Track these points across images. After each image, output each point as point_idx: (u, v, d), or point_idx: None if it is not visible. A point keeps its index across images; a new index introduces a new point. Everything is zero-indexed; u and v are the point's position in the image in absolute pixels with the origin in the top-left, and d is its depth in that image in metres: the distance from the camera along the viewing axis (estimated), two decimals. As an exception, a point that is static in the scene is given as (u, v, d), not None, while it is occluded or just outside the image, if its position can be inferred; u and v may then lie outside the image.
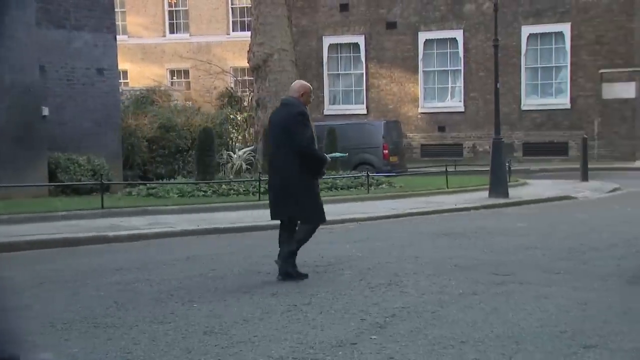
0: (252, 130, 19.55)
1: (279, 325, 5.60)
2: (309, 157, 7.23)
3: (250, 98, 21.74)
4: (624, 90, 23.37)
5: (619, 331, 5.35)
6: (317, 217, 7.41)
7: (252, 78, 19.48)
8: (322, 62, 26.96)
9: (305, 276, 7.34)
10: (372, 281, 7.21)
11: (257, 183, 14.37)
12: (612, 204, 14.30)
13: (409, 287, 6.95)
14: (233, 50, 29.53)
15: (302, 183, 7.21)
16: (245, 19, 29.18)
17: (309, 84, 7.75)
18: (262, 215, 12.44)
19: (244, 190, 14.66)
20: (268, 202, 7.52)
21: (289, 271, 7.29)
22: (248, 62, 18.23)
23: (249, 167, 16.69)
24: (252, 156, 16.90)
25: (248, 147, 18.16)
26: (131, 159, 17.00)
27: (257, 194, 14.16)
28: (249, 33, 19.08)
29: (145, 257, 9.05)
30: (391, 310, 6.00)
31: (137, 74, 30.60)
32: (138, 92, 21.77)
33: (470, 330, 5.39)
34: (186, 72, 31.05)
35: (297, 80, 7.94)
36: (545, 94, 24.76)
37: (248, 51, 17.94)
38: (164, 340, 5.23)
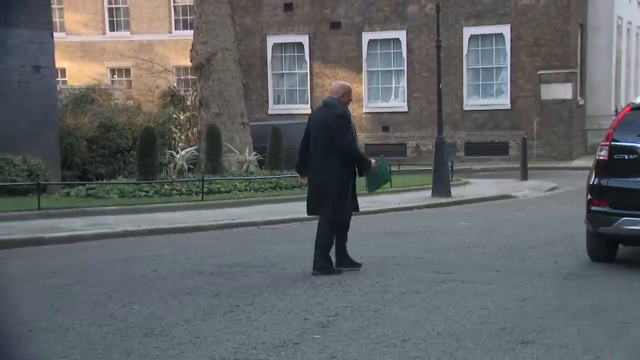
0: (195, 129, 19.37)
1: (221, 326, 5.56)
2: (353, 157, 7.52)
3: (193, 97, 21.53)
4: (561, 91, 23.98)
5: (555, 327, 5.49)
6: (339, 217, 7.66)
7: (195, 77, 19.30)
8: (266, 61, 26.89)
9: (340, 272, 7.54)
10: (316, 281, 7.22)
11: (200, 183, 14.24)
12: (550, 202, 14.64)
13: (352, 286, 6.98)
14: (175, 49, 29.20)
15: (336, 183, 7.50)
16: (188, 17, 28.89)
17: (348, 84, 8.02)
18: (205, 216, 12.37)
19: (186, 191, 14.51)
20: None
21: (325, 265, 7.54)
22: (191, 61, 18.06)
23: (192, 167, 16.52)
24: (196, 156, 16.74)
25: (191, 146, 17.98)
26: (70, 159, 16.63)
27: (200, 194, 14.03)
28: (191, 32, 18.90)
29: (84, 259, 8.87)
30: (334, 310, 6.03)
31: (76, 72, 29.98)
32: (77, 91, 21.32)
33: (412, 329, 5.45)
34: (127, 71, 30.56)
35: (337, 81, 8.23)
36: (487, 94, 25.21)
37: (191, 50, 17.77)
38: (102, 343, 5.14)
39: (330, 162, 7.45)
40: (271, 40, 26.84)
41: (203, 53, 17.33)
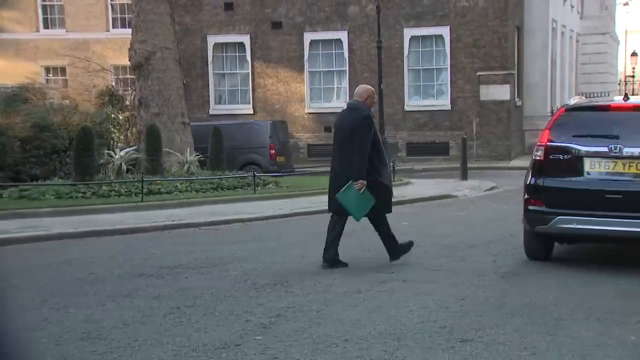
0: (134, 129, 19.07)
1: (161, 328, 5.49)
2: (355, 161, 7.71)
3: (132, 97, 21.18)
4: (499, 92, 24.49)
5: (494, 324, 5.60)
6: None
7: (134, 76, 19.00)
8: (207, 61, 26.67)
9: (345, 264, 7.94)
10: (258, 281, 7.20)
11: (140, 184, 14.03)
12: (489, 202, 14.92)
13: (294, 286, 6.98)
14: (113, 47, 28.69)
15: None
16: (126, 15, 28.42)
17: (372, 88, 8.37)
18: (145, 217, 12.20)
19: (126, 192, 14.27)
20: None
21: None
22: (129, 60, 17.78)
23: (131, 167, 16.26)
24: (135, 156, 16.49)
25: (131, 147, 17.69)
26: (1, 159, 16.16)
27: (140, 195, 13.83)
28: (129, 30, 18.60)
29: (17, 262, 8.63)
30: (276, 311, 6.02)
31: (9, 70, 29.13)
32: (10, 90, 20.73)
33: (354, 328, 5.48)
34: (63, 70, 29.88)
35: (361, 85, 8.51)
36: (427, 95, 25.55)
37: (129, 49, 17.50)
38: (36, 348, 5.01)
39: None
40: (212, 40, 26.63)
41: (142, 52, 17.08)
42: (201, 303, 6.31)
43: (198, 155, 16.96)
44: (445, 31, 24.81)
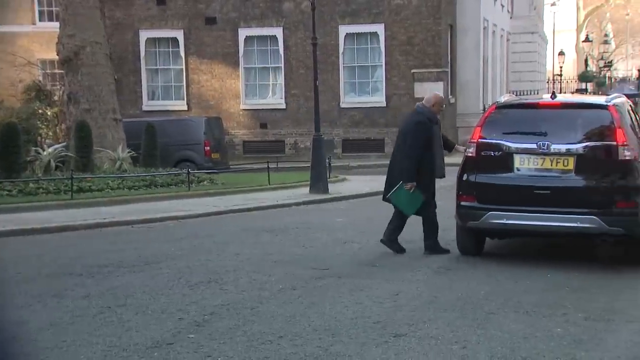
0: (63, 126, 18.60)
1: (91, 328, 5.38)
2: (405, 164, 8.43)
3: (61, 92, 20.67)
4: (433, 89, 24.84)
5: (427, 319, 5.70)
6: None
7: (62, 71, 18.54)
8: (140, 56, 26.23)
9: (447, 251, 8.49)
10: (192, 279, 7.14)
11: (69, 181, 13.70)
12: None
13: (228, 284, 6.95)
14: (40, 41, 27.88)
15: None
16: (53, 8, 27.67)
17: (441, 95, 9.11)
18: (75, 215, 11.92)
19: (54, 189, 13.91)
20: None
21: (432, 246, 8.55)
22: (57, 55, 17.33)
23: (60, 165, 15.87)
24: (64, 153, 16.09)
25: (60, 143, 17.26)
26: None
27: (70, 193, 13.51)
28: (57, 24, 18.12)
29: (-60, 263, 8.33)
30: (210, 309, 5.98)
31: None
32: None
33: (289, 325, 5.50)
34: (-12, 63, 28.89)
35: (432, 92, 9.57)
36: (363, 92, 25.73)
37: (57, 43, 17.06)
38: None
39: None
40: (144, 35, 26.20)
41: (70, 46, 16.68)
42: (133, 302, 6.22)
43: (130, 152, 16.68)
44: (380, 29, 25.03)
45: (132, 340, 5.07)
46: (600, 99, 9.06)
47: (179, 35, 26.08)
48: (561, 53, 45.55)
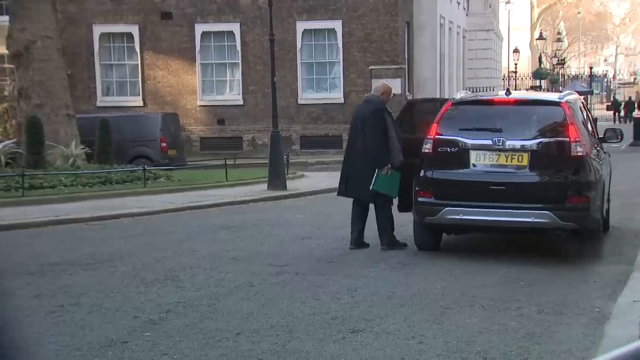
0: (14, 122, 18.22)
1: (42, 328, 5.29)
2: (374, 149, 8.45)
3: (11, 87, 20.23)
4: (391, 86, 25.01)
5: (384, 314, 5.74)
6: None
7: (12, 66, 18.14)
8: (93, 51, 25.83)
9: (405, 245, 8.56)
10: (147, 277, 7.06)
11: (20, 178, 13.43)
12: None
13: (185, 281, 6.90)
14: (-9, 34, 27.26)
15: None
16: (3, 1, 27.06)
17: (390, 85, 9.48)
18: (27, 212, 11.69)
19: (4, 187, 13.62)
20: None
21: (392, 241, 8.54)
22: (7, 49, 16.96)
23: (11, 161, 15.53)
24: (15, 150, 15.76)
25: (10, 140, 16.90)
26: None
27: (21, 190, 13.24)
28: (7, 18, 17.73)
29: None
30: (166, 306, 5.93)
31: None
32: None
33: (246, 322, 5.48)
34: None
35: (381, 80, 9.84)
36: (321, 88, 25.75)
37: (7, 37, 16.69)
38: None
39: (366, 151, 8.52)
40: (98, 30, 25.82)
41: (21, 41, 16.33)
42: (86, 301, 6.13)
43: (84, 148, 16.42)
44: (337, 25, 25.07)
45: (85, 340, 5.00)
46: (553, 96, 9.22)
47: (134, 30, 25.76)
48: (516, 50, 46.25)
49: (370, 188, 8.52)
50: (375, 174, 8.47)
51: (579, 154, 7.71)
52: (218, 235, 9.90)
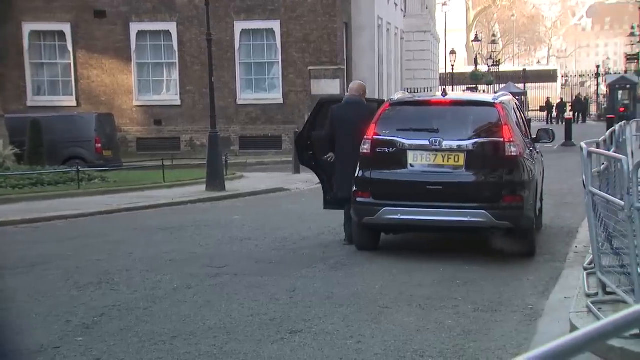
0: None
1: (-30, 336, 5.12)
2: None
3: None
4: (329, 86, 25.12)
5: (322, 315, 5.76)
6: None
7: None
8: (23, 49, 25.17)
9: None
10: (81, 280, 6.92)
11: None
12: (321, 194, 15.27)
13: (120, 284, 6.78)
14: None
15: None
16: None
17: (364, 84, 9.50)
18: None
19: None
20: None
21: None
22: None
23: None
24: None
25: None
26: None
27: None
28: None
29: None
30: (100, 310, 5.82)
31: None
32: None
33: (183, 325, 5.42)
34: None
35: (355, 81, 9.83)
36: (260, 89, 25.69)
37: None
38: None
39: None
40: (28, 28, 25.16)
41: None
42: (16, 306, 5.96)
43: (14, 149, 15.97)
44: (275, 25, 25.05)
45: (13, 346, 4.86)
46: (487, 97, 9.42)
47: (66, 28, 25.22)
48: (453, 52, 47.02)
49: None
50: None
51: (513, 154, 7.88)
52: (155, 237, 9.78)
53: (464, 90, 41.10)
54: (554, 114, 45.92)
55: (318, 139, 9.11)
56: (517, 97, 31.87)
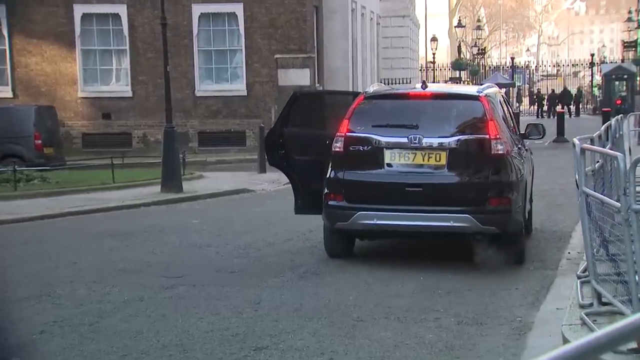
0: None
1: None
2: None
3: None
4: (298, 76, 25.13)
5: (291, 329, 5.77)
6: None
7: None
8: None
9: None
10: (19, 293, 6.86)
11: None
12: (289, 196, 15.23)
13: (63, 297, 6.73)
14: None
15: None
16: None
17: None
18: None
19: None
20: None
21: None
22: None
23: None
24: None
25: None
26: None
27: None
28: None
29: None
30: (40, 327, 5.77)
31: None
32: None
33: (134, 342, 5.40)
34: None
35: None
36: (221, 79, 25.62)
37: None
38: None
39: None
40: (-43, 9, 24.83)
41: None
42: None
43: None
44: (238, 9, 24.99)
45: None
46: (471, 89, 9.51)
47: (1, 11, 24.91)
48: (434, 39, 47.33)
49: None
50: None
51: (500, 152, 7.96)
52: (103, 244, 9.73)
53: (446, 82, 41.42)
54: (545, 107, 46.45)
55: (292, 136, 9.05)
56: (504, 89, 32.13)
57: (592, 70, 50.12)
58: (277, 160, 9.17)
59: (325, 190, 8.34)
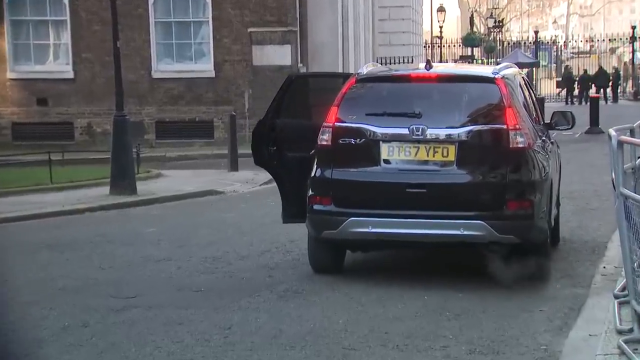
0: None
1: None
2: None
3: None
4: (277, 54, 25.14)
5: None
6: None
7: None
8: None
9: None
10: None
11: None
12: (266, 199, 15.25)
13: (-9, 323, 6.73)
14: None
15: None
16: None
17: None
18: None
19: None
20: None
21: None
22: None
23: None
24: None
25: None
26: None
27: None
28: None
29: None
30: (-36, 359, 5.76)
31: None
32: None
33: (77, 377, 5.41)
34: None
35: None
36: (183, 57, 25.61)
37: None
38: None
39: None
40: None
41: None
42: None
43: None
44: (204, -29, 25.03)
45: None
46: (486, 70, 9.57)
47: None
48: (441, 9, 47.56)
49: None
50: None
51: (519, 145, 8.01)
52: (39, 257, 9.75)
53: (455, 61, 41.55)
54: (576, 91, 46.58)
55: (286, 128, 8.92)
56: (527, 69, 32.18)
57: (632, 47, 50.32)
58: (266, 158, 9.03)
59: (310, 192, 8.35)
